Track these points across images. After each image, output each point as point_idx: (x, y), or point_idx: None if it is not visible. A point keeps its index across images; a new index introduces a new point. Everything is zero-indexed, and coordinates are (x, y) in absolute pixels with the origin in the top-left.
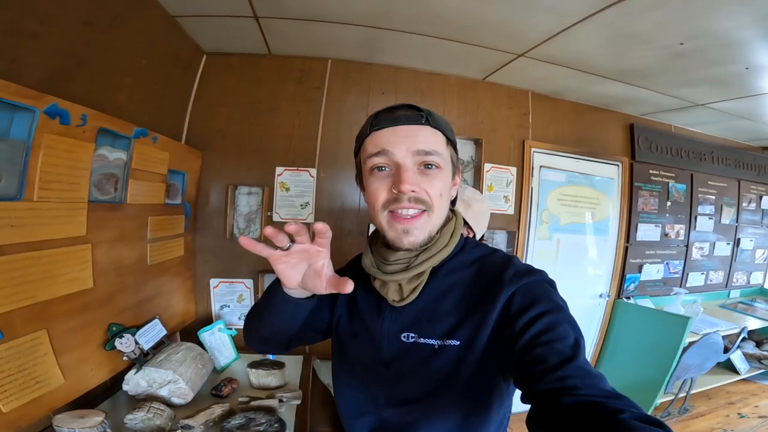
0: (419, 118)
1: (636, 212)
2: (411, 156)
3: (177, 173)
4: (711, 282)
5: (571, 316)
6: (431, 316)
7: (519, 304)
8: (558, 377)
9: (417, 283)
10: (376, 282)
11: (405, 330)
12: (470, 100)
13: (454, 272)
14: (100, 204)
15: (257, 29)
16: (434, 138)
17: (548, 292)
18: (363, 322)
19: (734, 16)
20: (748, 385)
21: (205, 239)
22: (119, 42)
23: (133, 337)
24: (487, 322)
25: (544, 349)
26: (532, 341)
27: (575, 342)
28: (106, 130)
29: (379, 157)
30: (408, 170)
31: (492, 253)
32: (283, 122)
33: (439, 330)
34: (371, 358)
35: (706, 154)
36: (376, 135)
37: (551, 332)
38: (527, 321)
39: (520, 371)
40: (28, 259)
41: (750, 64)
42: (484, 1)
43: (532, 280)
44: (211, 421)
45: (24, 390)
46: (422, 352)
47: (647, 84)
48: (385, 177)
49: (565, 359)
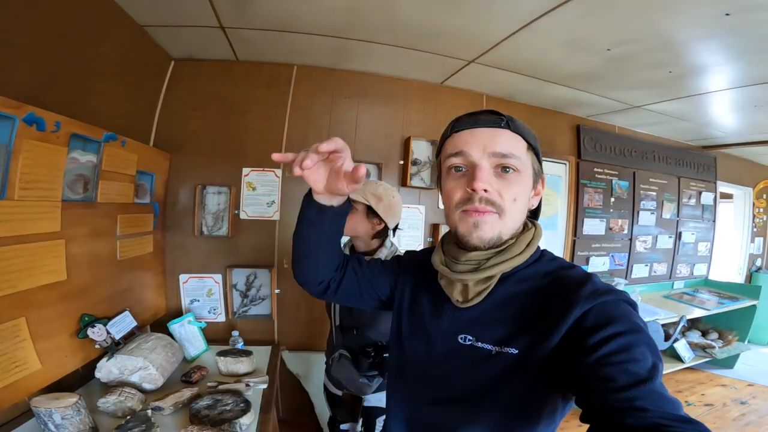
0: (499, 122)
1: (582, 208)
2: (487, 157)
3: (146, 174)
4: (655, 273)
5: (651, 339)
6: (493, 321)
7: (594, 321)
8: (626, 397)
9: (484, 286)
10: (443, 280)
11: (463, 332)
12: (430, 103)
13: (525, 281)
14: (73, 203)
15: (224, 38)
16: (513, 142)
17: (628, 313)
18: (422, 316)
19: (656, 23)
20: (697, 374)
21: (174, 236)
22: (91, 52)
23: (105, 327)
24: (554, 334)
25: (615, 369)
26: (603, 360)
27: (652, 365)
28: (78, 135)
29: (457, 157)
30: (483, 170)
31: (570, 267)
32: (252, 125)
33: (498, 336)
34: (423, 352)
35: (648, 153)
36: (455, 136)
37: (626, 353)
38: (601, 339)
39: (585, 389)
40: (11, 251)
41: (673, 69)
42: (439, 12)
43: (612, 299)
44: (180, 403)
45: (5, 373)
46: (477, 356)
47: (589, 88)
48: (461, 177)
49: (638, 381)
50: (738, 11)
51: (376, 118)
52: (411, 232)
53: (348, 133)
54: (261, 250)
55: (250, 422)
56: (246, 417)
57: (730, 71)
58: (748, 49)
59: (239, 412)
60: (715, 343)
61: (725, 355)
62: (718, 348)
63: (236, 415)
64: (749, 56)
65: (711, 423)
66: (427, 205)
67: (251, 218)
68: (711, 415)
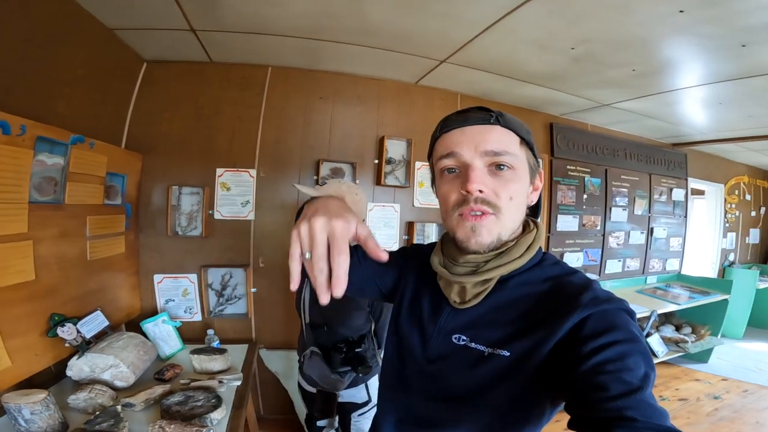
0: (488, 118)
1: (556, 205)
2: (480, 156)
3: (117, 175)
4: (629, 269)
5: (646, 349)
6: (489, 323)
7: (591, 329)
8: (617, 407)
9: (482, 288)
10: (441, 281)
11: (458, 332)
12: (405, 102)
13: (525, 286)
14: (41, 204)
15: (196, 41)
16: (505, 138)
17: (626, 322)
18: (420, 314)
19: (613, 21)
20: (672, 369)
21: (148, 237)
22: (56, 55)
23: (75, 326)
24: (549, 339)
25: (608, 378)
26: (598, 368)
27: (644, 375)
28: (44, 138)
29: (449, 159)
30: (475, 170)
31: (572, 273)
32: (225, 126)
33: (494, 338)
34: (419, 349)
35: (620, 150)
36: (445, 137)
37: (620, 362)
38: (597, 347)
39: (576, 396)
40: None
41: (637, 67)
42: (406, 15)
43: (611, 308)
44: (151, 400)
45: None
46: (470, 356)
47: (558, 86)
48: (455, 179)
49: (630, 390)
50: (691, 8)
51: (350, 118)
52: (386, 231)
53: (323, 133)
54: (236, 249)
55: (221, 417)
56: (217, 412)
57: (692, 69)
58: (706, 47)
59: (210, 407)
60: (688, 337)
61: (698, 350)
62: (690, 342)
63: (207, 410)
64: (708, 54)
65: (685, 418)
66: (402, 203)
67: (226, 218)
68: (685, 410)
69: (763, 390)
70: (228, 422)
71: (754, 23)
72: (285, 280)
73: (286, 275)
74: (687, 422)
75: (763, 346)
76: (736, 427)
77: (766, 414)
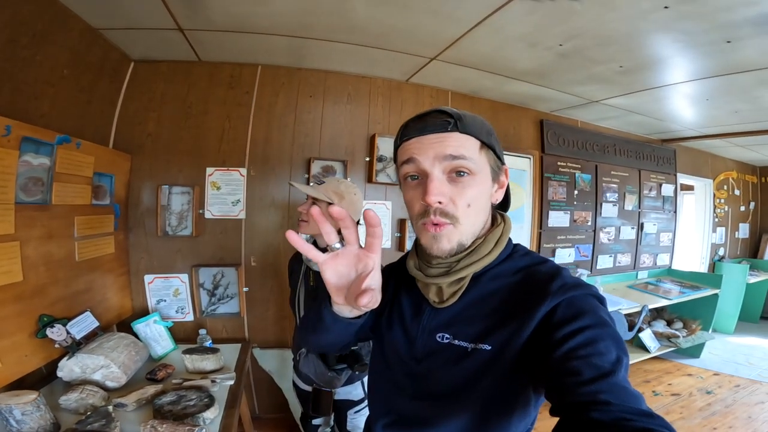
0: (446, 125)
1: (547, 201)
2: (439, 163)
3: (105, 176)
4: (620, 264)
5: (616, 333)
6: (468, 319)
7: (561, 315)
8: (591, 391)
9: (458, 287)
10: (419, 282)
11: (441, 330)
12: (395, 100)
13: (498, 279)
14: (27, 205)
15: (184, 40)
16: (464, 143)
17: (595, 307)
18: (402, 316)
19: (598, 18)
20: (664, 364)
21: (137, 237)
22: (40, 56)
23: (65, 327)
24: (523, 329)
25: (581, 363)
26: (570, 354)
27: (617, 359)
28: (29, 138)
29: (409, 165)
30: (434, 180)
31: (542, 263)
32: (214, 125)
33: (473, 333)
34: (405, 351)
35: (609, 146)
36: (405, 145)
37: (591, 347)
38: (567, 333)
39: (552, 383)
40: None
41: (623, 63)
42: (391, 12)
43: (579, 294)
44: (143, 400)
45: None
46: (455, 353)
47: (546, 83)
48: (417, 186)
49: (602, 374)
50: (675, 4)
51: (341, 116)
52: None
53: (313, 131)
54: (227, 248)
55: (214, 416)
56: (209, 411)
57: (677, 65)
58: (691, 43)
59: (203, 406)
60: (679, 332)
61: (689, 344)
62: (682, 337)
63: (200, 409)
64: (693, 50)
65: (677, 413)
66: (393, 201)
67: (216, 217)
68: (678, 405)
69: (754, 384)
70: (221, 421)
71: (736, 19)
72: (277, 279)
73: (277, 274)
74: (680, 417)
75: (754, 340)
76: (728, 422)
77: (757, 408)
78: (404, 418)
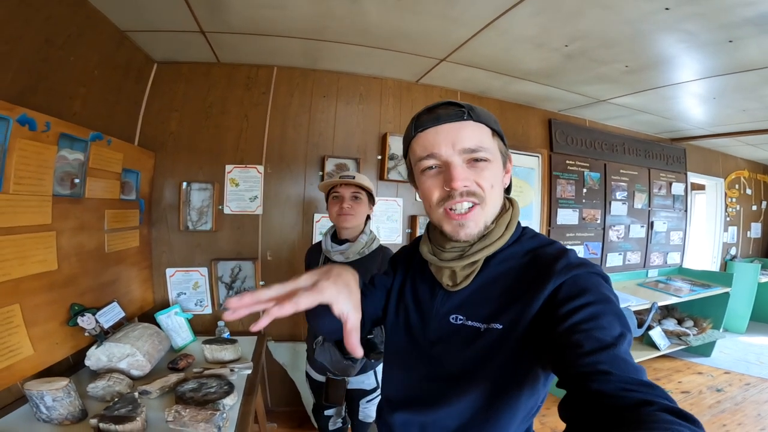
0: (461, 115)
1: (555, 199)
2: (458, 153)
3: (131, 172)
4: (629, 262)
5: (619, 310)
6: (480, 301)
7: (566, 293)
8: (591, 362)
9: (470, 270)
10: (432, 267)
11: (454, 312)
12: (405, 100)
13: (508, 260)
14: (63, 197)
15: (205, 42)
16: (479, 132)
17: (598, 284)
18: (417, 301)
19: (601, 19)
20: (674, 362)
21: (160, 232)
22: (73, 56)
23: (94, 316)
24: (531, 307)
25: (583, 336)
26: (573, 328)
27: (620, 334)
28: (66, 134)
29: (428, 159)
30: (457, 167)
31: (549, 244)
32: (232, 124)
33: (486, 314)
34: (420, 334)
35: (618, 145)
36: (420, 137)
37: (593, 321)
38: (571, 309)
39: (556, 356)
40: (6, 241)
41: (629, 63)
42: (402, 16)
43: (583, 272)
44: (166, 387)
45: (0, 357)
46: (468, 334)
47: (554, 83)
48: (436, 175)
49: (603, 346)
50: (676, 5)
51: (353, 116)
52: (390, 224)
53: (327, 130)
54: (245, 243)
55: (233, 403)
56: (229, 398)
57: (682, 65)
58: (694, 43)
59: (223, 393)
60: (690, 330)
61: (699, 343)
62: (692, 336)
63: (220, 396)
64: (697, 50)
65: (687, 410)
66: (404, 197)
67: (235, 213)
68: (687, 402)
69: (765, 383)
70: (239, 408)
71: (736, 20)
72: (291, 273)
73: (292, 268)
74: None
75: (766, 340)
76: (737, 419)
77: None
78: (417, 399)
